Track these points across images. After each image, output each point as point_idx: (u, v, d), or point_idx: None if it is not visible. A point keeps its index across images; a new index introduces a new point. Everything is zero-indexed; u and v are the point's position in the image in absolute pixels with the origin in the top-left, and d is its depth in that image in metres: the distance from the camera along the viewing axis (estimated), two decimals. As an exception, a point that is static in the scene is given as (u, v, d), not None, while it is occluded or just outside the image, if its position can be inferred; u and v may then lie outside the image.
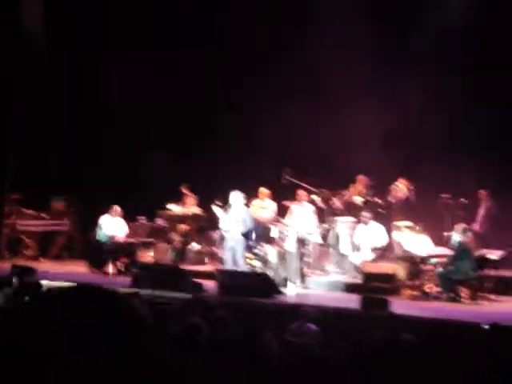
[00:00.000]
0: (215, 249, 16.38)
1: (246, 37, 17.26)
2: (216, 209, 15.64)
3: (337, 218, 15.74)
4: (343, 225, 15.63)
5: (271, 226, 15.50)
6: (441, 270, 13.76)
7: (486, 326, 8.57)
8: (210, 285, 13.78)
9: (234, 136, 17.95)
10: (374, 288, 13.78)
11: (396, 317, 10.28)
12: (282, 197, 16.19)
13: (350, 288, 14.31)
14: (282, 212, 15.99)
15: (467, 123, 16.23)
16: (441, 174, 15.60)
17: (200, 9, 18.20)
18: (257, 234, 15.74)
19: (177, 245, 17.10)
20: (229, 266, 14.77)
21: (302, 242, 14.97)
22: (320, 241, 15.53)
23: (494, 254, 14.07)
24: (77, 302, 2.13)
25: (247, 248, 15.37)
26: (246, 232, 14.90)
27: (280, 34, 17.65)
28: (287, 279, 14.46)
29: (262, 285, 13.51)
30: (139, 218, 17.32)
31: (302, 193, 15.77)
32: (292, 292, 14.06)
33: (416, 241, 14.52)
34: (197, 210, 17.33)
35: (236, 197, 14.91)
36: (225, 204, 15.29)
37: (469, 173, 15.06)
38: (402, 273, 14.37)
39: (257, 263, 15.32)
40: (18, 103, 18.33)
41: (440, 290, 13.72)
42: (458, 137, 16.26)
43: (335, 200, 16.14)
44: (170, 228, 17.39)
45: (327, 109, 16.78)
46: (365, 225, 15.32)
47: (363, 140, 16.36)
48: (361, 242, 15.30)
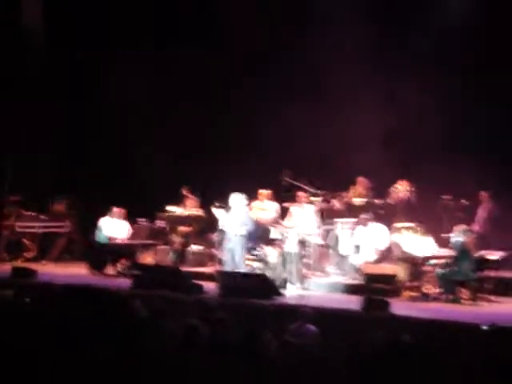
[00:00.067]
0: (215, 250, 16.36)
1: (245, 37, 17.27)
2: (216, 210, 15.63)
3: (337, 220, 15.72)
4: (343, 226, 15.61)
5: (271, 228, 15.49)
6: (441, 271, 13.75)
7: (485, 327, 8.57)
8: (210, 286, 13.79)
9: (234, 137, 17.96)
10: (374, 289, 13.77)
11: (396, 318, 10.30)
12: (282, 198, 16.17)
13: (349, 289, 14.30)
14: (283, 213, 15.98)
15: (467, 123, 16.23)
16: (441, 175, 15.60)
17: (200, 9, 18.18)
18: (257, 236, 15.74)
19: (177, 246, 17.09)
20: (229, 267, 14.76)
21: (302, 244, 14.95)
22: (320, 242, 15.52)
23: (493, 255, 14.06)
24: (77, 303, 2.15)
25: (247, 249, 15.36)
26: (247, 233, 14.89)
27: (280, 33, 17.65)
28: (287, 280, 14.46)
29: (262, 286, 13.51)
30: (139, 219, 17.30)
31: (301, 194, 15.76)
32: (292, 293, 14.05)
33: (417, 242, 14.50)
34: (197, 211, 17.32)
35: (236, 198, 14.90)
36: (224, 205, 15.29)
37: (469, 174, 15.05)
38: (402, 274, 14.36)
39: (257, 264, 15.31)
40: (17, 103, 18.31)
41: (440, 291, 13.72)
42: (458, 137, 16.27)
43: (335, 201, 16.13)
44: (170, 230, 17.37)
45: (327, 109, 16.79)
46: (364, 226, 15.31)
47: (363, 141, 16.37)
48: (360, 243, 15.29)
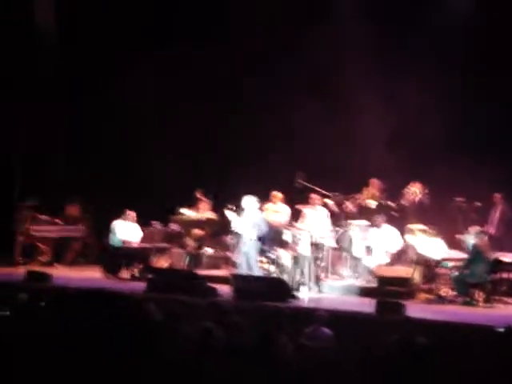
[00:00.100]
0: (229, 253, 16.37)
1: (251, 38, 17.27)
2: (229, 213, 15.64)
3: (350, 222, 15.70)
4: (357, 228, 15.59)
5: (284, 230, 15.48)
6: (455, 273, 13.73)
7: (500, 329, 8.55)
8: (225, 289, 13.80)
9: (247, 139, 17.89)
10: (388, 292, 13.75)
11: (411, 321, 10.28)
12: (295, 200, 16.15)
13: (364, 292, 14.28)
14: (295, 216, 15.96)
15: (478, 124, 16.17)
16: (452, 177, 15.54)
17: (200, 8, 18.16)
18: (270, 238, 15.74)
19: (191, 250, 17.10)
20: (243, 270, 14.76)
21: (316, 246, 14.94)
22: (334, 245, 15.51)
23: (508, 257, 14.02)
24: (91, 307, 2.16)
25: (261, 252, 15.36)
26: (260, 236, 14.89)
27: (281, 33, 17.60)
28: (301, 283, 14.46)
29: (277, 289, 13.51)
30: (153, 223, 17.32)
31: (315, 196, 15.75)
32: (306, 296, 14.06)
33: (430, 244, 14.49)
34: (211, 214, 17.34)
35: (249, 201, 14.91)
36: (238, 208, 15.30)
37: (481, 175, 14.99)
38: (416, 276, 14.35)
39: (271, 267, 15.32)
40: (28, 104, 18.30)
41: (455, 293, 13.70)
42: (465, 137, 16.18)
43: (348, 203, 16.12)
44: (184, 233, 17.40)
45: (340, 111, 16.79)
46: (378, 228, 15.29)
47: (371, 142, 16.35)
48: (374, 245, 15.28)
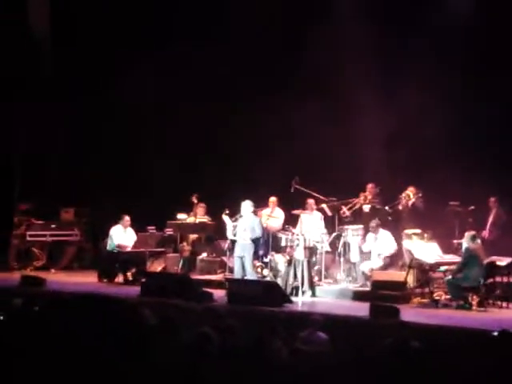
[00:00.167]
0: (225, 258, 16.38)
1: (251, 38, 17.30)
2: (225, 218, 15.67)
3: (346, 227, 15.72)
4: (353, 233, 15.61)
5: (281, 235, 15.50)
6: (450, 277, 13.75)
7: (495, 333, 8.56)
8: (220, 294, 13.81)
9: (247, 140, 17.84)
10: (383, 296, 13.77)
11: (406, 324, 10.28)
12: (292, 205, 16.13)
13: (359, 296, 14.31)
14: (291, 220, 15.97)
15: (478, 124, 16.18)
16: (447, 181, 15.56)
17: (200, 8, 18.17)
18: (266, 243, 15.76)
19: (187, 254, 17.11)
20: (238, 274, 14.78)
21: (310, 250, 14.96)
22: (328, 249, 15.53)
23: (502, 261, 14.04)
24: (86, 311, 2.17)
25: (257, 257, 15.39)
26: (255, 239, 14.91)
27: (286, 33, 17.62)
28: (297, 288, 14.48)
29: (272, 293, 13.51)
30: (149, 227, 17.32)
31: (311, 201, 15.77)
32: (301, 300, 14.07)
33: (426, 248, 14.51)
34: (206, 219, 17.33)
35: (245, 205, 14.95)
36: (235, 213, 15.33)
37: (481, 178, 15.01)
38: (411, 280, 14.37)
39: (266, 272, 15.34)
40: (24, 106, 18.27)
41: (449, 297, 13.72)
42: (471, 138, 16.22)
43: (344, 208, 16.13)
44: (180, 238, 17.39)
45: (340, 111, 16.82)
46: (374, 233, 15.31)
47: (375, 143, 16.35)
48: (370, 250, 15.29)
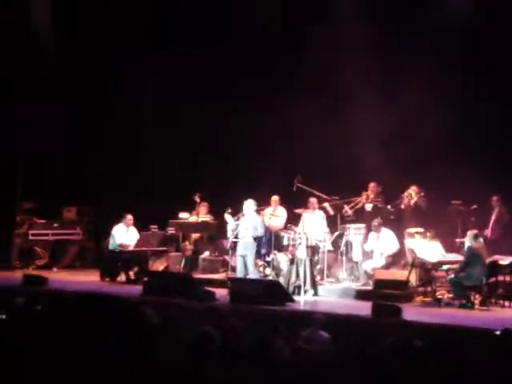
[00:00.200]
0: (227, 257, 16.38)
1: (251, 38, 17.30)
2: (228, 217, 15.68)
3: (349, 226, 15.71)
4: (355, 232, 15.60)
5: (283, 234, 15.49)
6: (452, 276, 13.74)
7: (497, 332, 8.56)
8: (222, 293, 13.80)
9: (247, 140, 17.82)
10: (385, 295, 13.77)
11: (408, 323, 10.27)
12: (294, 204, 16.11)
13: (361, 295, 14.30)
14: (293, 219, 15.95)
15: (478, 124, 16.17)
16: (453, 179, 15.54)
17: (200, 8, 18.17)
18: (268, 242, 15.75)
19: (189, 253, 17.11)
20: (240, 273, 14.78)
21: (314, 250, 14.96)
22: (331, 248, 15.52)
23: (505, 260, 14.03)
24: (87, 310, 2.16)
25: (259, 256, 15.39)
26: (257, 238, 14.91)
27: (286, 33, 17.60)
28: (299, 286, 14.47)
29: (274, 292, 13.51)
30: (151, 226, 17.31)
31: (313, 200, 15.75)
32: (304, 299, 14.07)
33: (428, 247, 14.50)
34: (209, 218, 17.32)
35: (247, 204, 14.95)
36: (237, 212, 15.34)
37: (481, 177, 15.00)
38: (413, 279, 14.37)
39: (268, 271, 15.34)
40: (28, 105, 18.29)
41: (452, 296, 13.71)
42: (471, 138, 16.20)
43: (347, 207, 16.12)
44: (182, 237, 17.40)
45: (340, 111, 16.81)
46: (376, 232, 15.30)
47: (375, 143, 16.35)
48: (372, 249, 15.29)
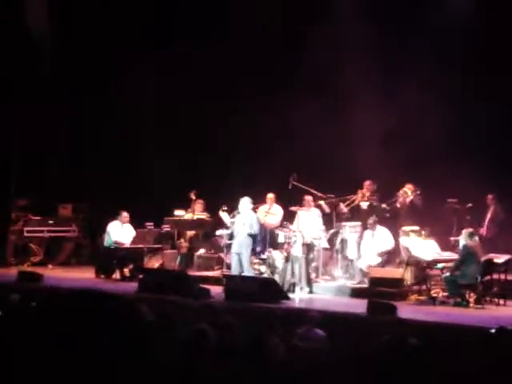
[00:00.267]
0: (222, 254, 16.38)
1: (251, 38, 17.30)
2: (223, 214, 15.68)
3: (344, 224, 15.71)
4: (350, 230, 15.60)
5: (278, 232, 15.49)
6: (447, 274, 13.75)
7: (492, 331, 8.57)
8: (217, 290, 13.80)
9: (247, 140, 17.83)
10: (380, 293, 13.77)
11: (403, 321, 10.29)
12: (289, 202, 16.11)
13: (356, 293, 14.30)
14: (289, 217, 15.95)
15: (478, 124, 16.19)
16: (444, 178, 15.57)
17: (200, 8, 18.16)
18: (264, 240, 15.75)
19: (184, 251, 17.10)
20: (235, 270, 14.79)
21: (309, 247, 14.97)
22: (327, 246, 15.52)
23: (500, 259, 14.04)
24: (83, 307, 2.16)
25: (254, 253, 15.39)
26: (252, 235, 14.91)
27: (286, 34, 17.60)
28: (294, 284, 14.48)
29: (269, 290, 13.51)
30: (147, 224, 17.30)
31: (309, 198, 15.74)
32: (299, 297, 14.07)
33: (423, 246, 14.51)
34: (204, 215, 17.31)
35: (243, 202, 14.95)
36: (232, 210, 15.34)
37: (472, 176, 15.01)
38: (408, 278, 14.38)
39: (264, 268, 15.34)
40: (21, 104, 18.28)
41: (447, 294, 13.72)
42: (471, 138, 16.22)
43: (342, 205, 16.12)
44: (177, 234, 17.39)
45: (340, 111, 16.82)
46: (371, 230, 15.30)
47: (370, 143, 16.35)
48: (368, 247, 15.29)
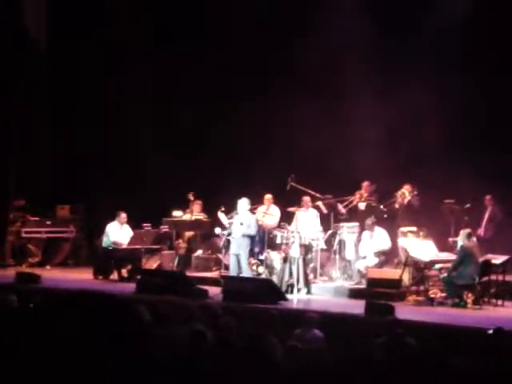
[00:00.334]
0: (220, 255, 16.37)
1: (249, 38, 17.30)
2: (221, 215, 15.68)
3: (342, 224, 15.70)
4: (348, 231, 15.60)
5: (276, 233, 15.49)
6: (445, 275, 13.76)
7: (490, 331, 8.58)
8: (215, 291, 13.80)
9: (247, 140, 17.82)
10: (378, 293, 13.77)
11: (401, 322, 10.29)
12: (287, 203, 16.10)
13: (354, 294, 14.30)
14: (286, 218, 15.95)
15: (478, 124, 16.22)
16: (442, 178, 15.58)
17: (200, 9, 18.16)
18: (262, 241, 15.75)
19: (182, 251, 17.09)
20: (233, 271, 14.79)
21: (307, 248, 14.97)
22: (325, 247, 15.53)
23: (498, 259, 14.05)
24: (80, 308, 2.16)
25: (252, 254, 15.39)
26: (250, 236, 14.92)
27: (286, 34, 17.61)
28: (292, 285, 14.48)
29: (267, 291, 13.52)
30: (145, 225, 17.29)
31: (307, 199, 15.74)
32: (297, 298, 14.07)
33: (421, 246, 14.52)
34: (202, 216, 17.30)
35: (241, 202, 14.96)
36: (230, 210, 15.34)
37: (470, 176, 15.03)
38: (406, 278, 14.38)
39: (262, 269, 15.34)
40: (19, 107, 18.27)
41: (445, 295, 13.73)
42: (471, 138, 16.24)
43: (340, 206, 16.13)
44: (175, 235, 17.39)
45: (340, 111, 16.82)
46: (369, 231, 15.31)
47: (368, 144, 16.36)
48: (366, 248, 15.29)
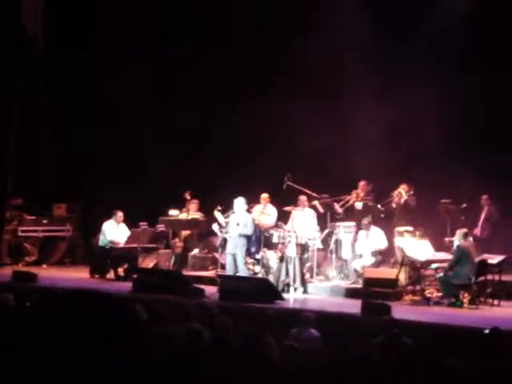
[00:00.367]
0: (217, 254, 16.37)
1: (249, 38, 17.30)
2: (218, 214, 15.68)
3: (338, 224, 15.71)
4: (345, 230, 15.60)
5: (273, 232, 15.49)
6: (441, 275, 13.77)
7: (486, 331, 8.58)
8: (212, 290, 13.80)
9: (247, 140, 17.83)
10: (375, 293, 13.78)
11: (397, 322, 10.30)
12: (284, 202, 16.11)
13: (350, 293, 14.31)
14: (283, 217, 15.95)
15: (478, 124, 16.23)
16: (439, 178, 15.59)
17: (200, 9, 18.16)
18: (258, 240, 15.75)
19: (178, 250, 17.08)
20: (230, 270, 14.79)
21: (304, 248, 14.97)
22: (321, 246, 15.53)
23: (494, 259, 14.06)
24: (77, 307, 2.16)
25: (249, 253, 15.39)
26: (246, 235, 14.92)
27: (286, 34, 17.62)
28: (288, 284, 14.48)
29: (263, 290, 13.52)
30: (141, 223, 17.27)
31: (303, 198, 15.74)
32: (293, 297, 14.07)
33: (417, 246, 14.52)
34: (199, 215, 17.30)
35: (238, 202, 14.96)
36: (227, 209, 15.33)
37: (467, 176, 15.05)
38: (402, 278, 14.39)
39: (258, 269, 15.34)
40: (19, 106, 18.27)
41: (441, 294, 13.74)
42: (471, 138, 16.25)
43: (337, 205, 16.13)
44: (172, 234, 17.38)
45: (339, 111, 16.83)
46: (366, 230, 15.31)
47: (365, 143, 16.37)
48: (362, 247, 15.29)
